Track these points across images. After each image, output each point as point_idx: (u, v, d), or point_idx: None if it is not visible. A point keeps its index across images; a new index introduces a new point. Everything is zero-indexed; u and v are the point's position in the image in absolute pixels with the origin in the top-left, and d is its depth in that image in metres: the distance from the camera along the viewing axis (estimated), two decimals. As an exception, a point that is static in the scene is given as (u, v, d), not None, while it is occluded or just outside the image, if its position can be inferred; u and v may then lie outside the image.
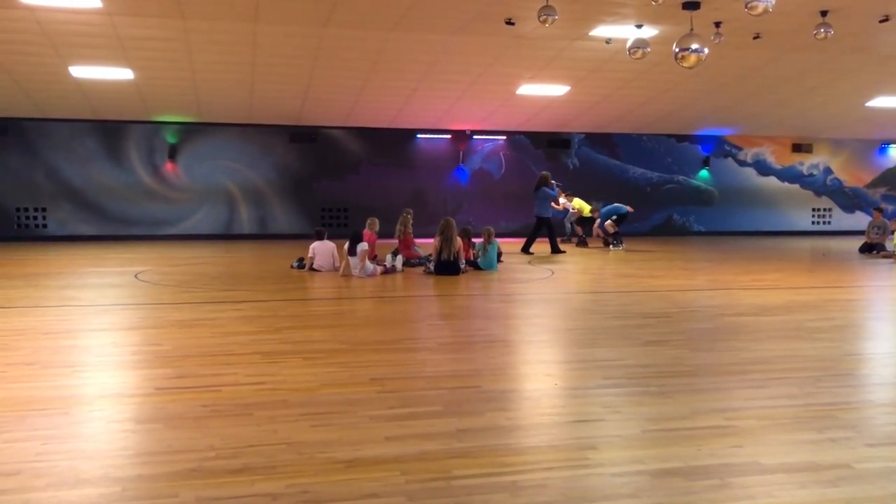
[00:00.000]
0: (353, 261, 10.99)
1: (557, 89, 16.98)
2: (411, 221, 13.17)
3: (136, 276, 10.93)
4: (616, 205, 17.42)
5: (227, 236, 19.33)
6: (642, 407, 4.39)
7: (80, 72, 14.75)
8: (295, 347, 6.04)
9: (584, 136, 21.57)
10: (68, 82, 15.30)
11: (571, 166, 21.58)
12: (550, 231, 15.57)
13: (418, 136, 20.49)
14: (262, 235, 19.56)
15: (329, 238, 12.00)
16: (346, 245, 11.12)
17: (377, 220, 12.87)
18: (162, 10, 11.83)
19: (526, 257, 14.40)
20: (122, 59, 14.16)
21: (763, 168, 22.92)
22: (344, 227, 18.28)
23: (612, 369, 5.32)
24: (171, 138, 19.02)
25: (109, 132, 18.72)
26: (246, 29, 12.80)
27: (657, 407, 4.37)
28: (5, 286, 9.63)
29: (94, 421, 4.15)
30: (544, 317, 8.15)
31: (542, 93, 17.24)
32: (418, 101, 17.70)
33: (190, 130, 19.14)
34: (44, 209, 18.36)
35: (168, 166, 19.10)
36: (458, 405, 4.36)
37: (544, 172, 16.19)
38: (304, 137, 19.74)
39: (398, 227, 13.00)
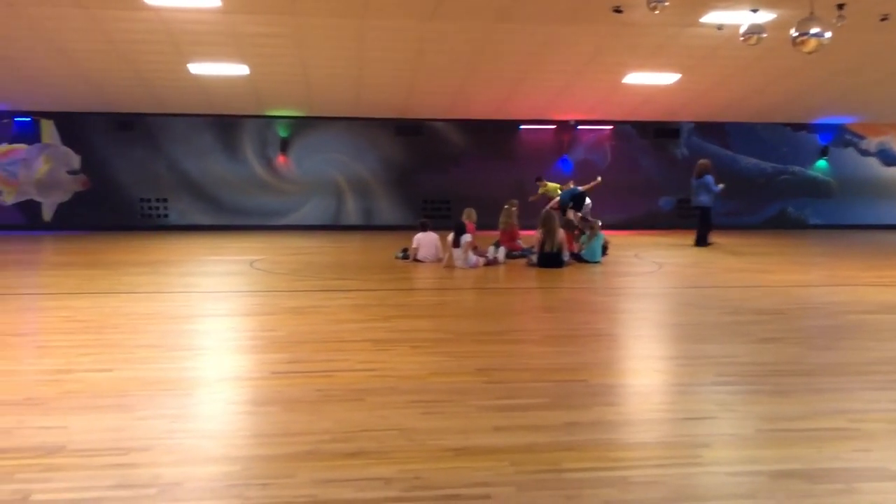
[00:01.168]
0: (456, 252, 11.08)
1: (666, 77, 16.54)
2: (516, 213, 13.14)
3: (250, 265, 11.39)
4: (572, 187, 15.93)
5: (334, 227, 19.83)
6: (758, 406, 4.25)
7: (198, 68, 15.44)
8: (403, 336, 6.15)
9: (693, 125, 20.93)
10: (188, 79, 16.05)
11: (680, 156, 20.99)
12: (704, 222, 15.05)
13: (521, 126, 20.40)
14: (368, 226, 19.96)
15: (432, 230, 12.13)
16: (451, 236, 11.22)
17: (474, 211, 12.87)
18: (276, 7, 12.23)
19: (632, 251, 14.12)
20: (238, 56, 14.74)
21: (888, 158, 21.60)
22: (446, 219, 18.43)
23: (724, 366, 5.16)
24: (282, 132, 19.68)
25: (225, 126, 19.54)
26: (354, 24, 13.08)
27: (773, 406, 4.22)
28: (132, 273, 10.23)
29: (216, 402, 4.37)
30: (651, 311, 7.98)
31: (650, 81, 16.84)
32: (522, 92, 17.62)
33: (300, 124, 19.74)
34: (165, 200, 19.36)
35: (280, 159, 19.77)
36: (565, 398, 4.34)
37: (704, 160, 15.63)
38: (410, 130, 20.00)
39: (502, 218, 13.00)
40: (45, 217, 19.20)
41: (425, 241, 11.81)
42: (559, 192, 16.82)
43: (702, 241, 14.98)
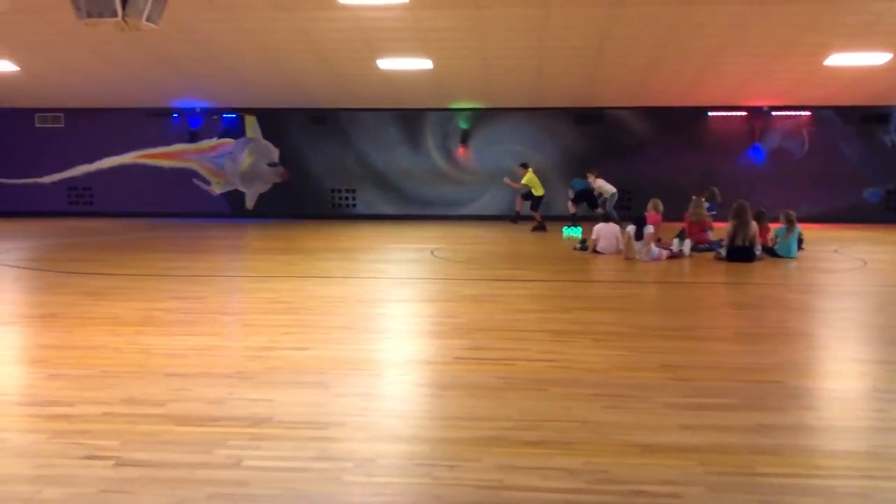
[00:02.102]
0: (637, 244, 10.81)
1: (876, 58, 15.17)
2: (707, 204, 12.61)
3: (432, 253, 11.73)
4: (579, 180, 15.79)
5: (511, 217, 19.96)
6: None
7: (386, 63, 16.07)
8: (583, 328, 6.10)
9: (906, 109, 19.06)
10: (376, 74, 16.76)
11: (890, 143, 19.19)
12: None
13: (709, 113, 19.50)
14: (545, 217, 19.92)
15: (614, 220, 11.89)
16: (632, 228, 10.95)
17: (660, 202, 12.50)
18: (459, 0, 12.47)
19: (831, 246, 13.11)
20: (423, 50, 15.19)
21: None
22: (627, 210, 18.01)
23: (943, 374, 4.68)
24: (463, 124, 20.07)
25: (409, 119, 20.22)
26: (537, 14, 13.06)
27: None
28: (325, 259, 10.87)
29: (404, 384, 4.55)
30: (854, 311, 7.37)
31: (856, 62, 15.50)
32: (711, 78, 16.84)
33: (480, 116, 20.03)
34: (353, 190, 20.38)
35: (460, 150, 20.18)
36: (758, 399, 4.12)
37: None
38: (590, 118, 19.73)
39: (690, 209, 12.47)
40: (247, 206, 20.83)
41: (605, 233, 11.61)
42: (536, 183, 16.46)
43: None
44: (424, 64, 16.08)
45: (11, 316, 6.71)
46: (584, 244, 11.91)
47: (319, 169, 20.37)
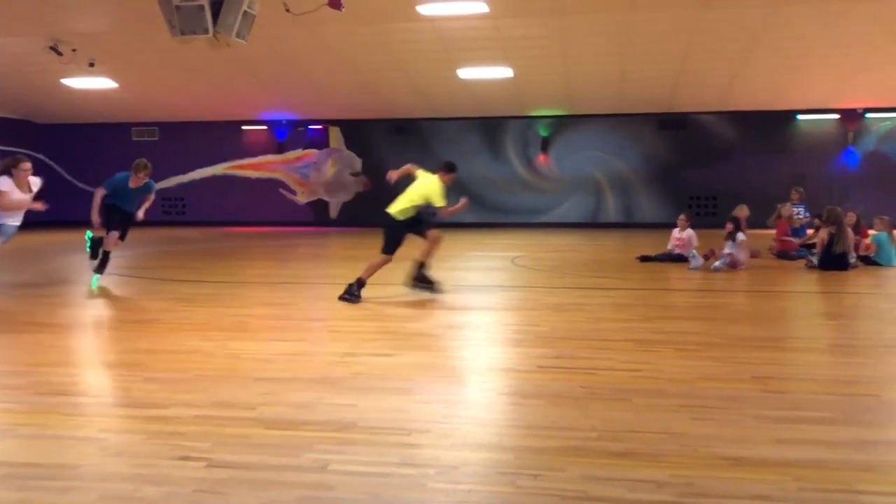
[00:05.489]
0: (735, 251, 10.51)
1: (982, 55, 14.34)
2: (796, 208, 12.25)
3: (512, 261, 11.71)
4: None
5: (593, 224, 19.75)
6: None
7: (466, 73, 16.16)
8: (667, 337, 5.97)
9: None
10: (456, 83, 16.87)
11: None
12: None
13: (798, 116, 18.83)
14: (627, 224, 19.62)
15: (693, 228, 11.54)
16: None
17: (746, 207, 12.06)
18: (541, 8, 12.44)
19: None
20: (503, 59, 15.20)
21: None
22: (713, 217, 17.55)
23: None
24: (543, 131, 19.98)
25: (489, 128, 20.26)
26: (620, 19, 12.91)
27: None
28: (407, 266, 10.96)
29: (487, 391, 4.56)
30: (961, 322, 6.98)
31: (961, 60, 14.70)
32: (802, 79, 16.26)
33: (561, 123, 19.91)
34: (433, 199, 20.55)
35: (540, 158, 20.10)
36: (856, 414, 3.95)
37: None
38: (674, 124, 19.34)
39: (774, 216, 12.06)
40: (331, 215, 21.27)
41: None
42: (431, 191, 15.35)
43: None
44: (505, 72, 16.09)
45: (110, 321, 7.05)
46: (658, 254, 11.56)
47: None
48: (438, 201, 8.02)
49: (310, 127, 21.16)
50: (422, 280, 8.19)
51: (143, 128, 21.94)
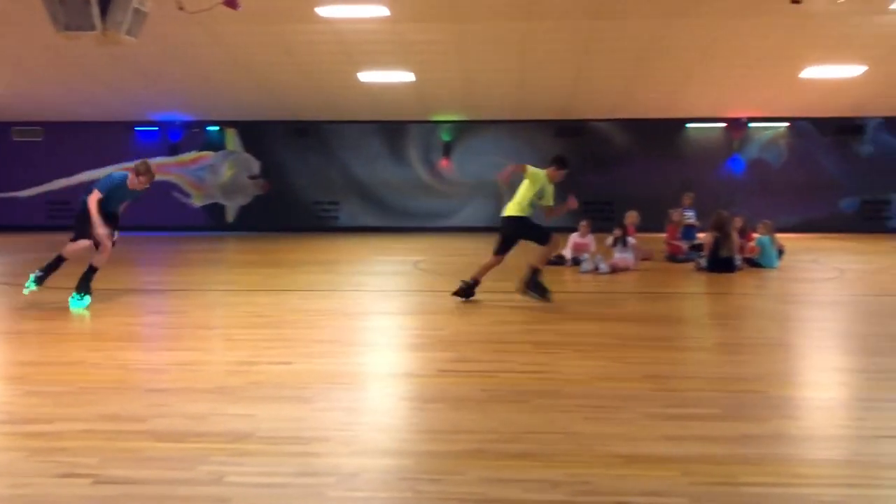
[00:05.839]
0: (623, 255, 10.89)
1: (850, 70, 15.39)
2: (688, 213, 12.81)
3: (415, 265, 11.73)
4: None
5: (495, 228, 19.92)
6: (962, 427, 3.87)
7: (366, 76, 16.09)
8: (566, 339, 6.11)
9: (882, 120, 19.33)
10: (358, 86, 16.77)
11: (864, 154, 19.46)
12: None
13: (687, 125, 19.68)
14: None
15: (592, 232, 11.88)
16: (611, 240, 11.08)
17: (635, 213, 12.48)
18: (441, 14, 12.54)
19: (809, 256, 13.24)
20: (405, 63, 15.23)
21: None
22: (609, 221, 18.10)
23: (921, 382, 4.74)
24: (445, 136, 20.12)
25: (392, 132, 20.24)
26: (517, 27, 13.16)
27: (982, 429, 3.82)
28: (308, 272, 10.83)
29: (387, 397, 4.54)
30: (833, 320, 7.46)
31: (832, 75, 15.72)
32: (691, 90, 17.01)
33: (463, 128, 20.09)
34: (336, 203, 20.34)
35: (442, 163, 20.22)
36: (740, 409, 4.15)
37: None
38: (571, 131, 19.82)
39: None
40: (228, 218, 20.73)
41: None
42: None
43: None
44: (407, 77, 16.12)
45: (-11, 332, 6.63)
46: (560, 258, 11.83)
47: (302, 181, 20.33)
48: (549, 199, 8.04)
49: (205, 128, 20.57)
50: (535, 287, 7.84)
51: (24, 127, 20.77)
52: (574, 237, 11.68)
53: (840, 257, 13.08)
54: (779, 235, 11.71)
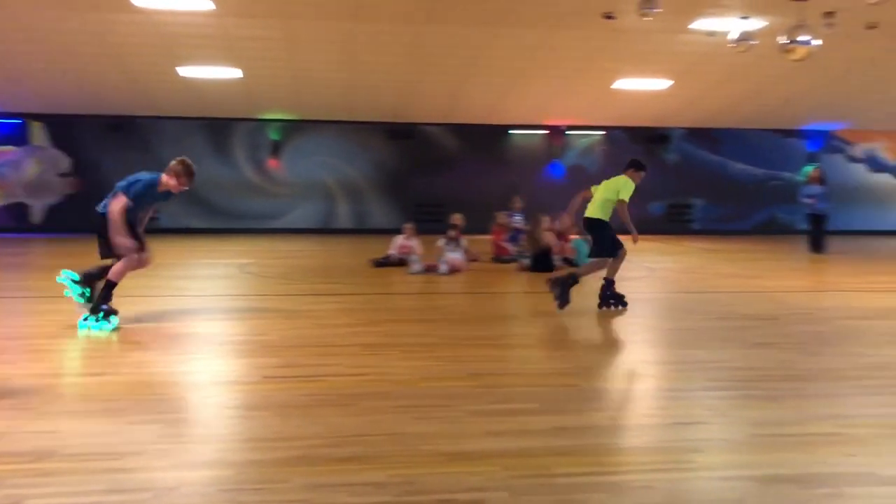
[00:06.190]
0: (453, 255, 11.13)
1: (658, 84, 16.64)
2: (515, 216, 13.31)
3: (241, 268, 11.37)
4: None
5: (325, 230, 19.80)
6: (749, 411, 4.27)
7: (188, 71, 15.41)
8: (393, 340, 6.15)
9: (685, 131, 21.04)
10: (179, 81, 16.03)
11: (670, 162, 21.10)
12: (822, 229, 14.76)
13: (510, 131, 20.46)
14: (360, 230, 19.95)
15: (420, 233, 12.02)
16: (443, 241, 11.29)
17: (460, 216, 12.79)
18: (268, 10, 12.25)
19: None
20: (231, 59, 14.74)
21: (876, 164, 21.78)
22: (438, 223, 18.44)
23: (715, 371, 5.19)
24: (274, 135, 19.66)
25: (217, 129, 19.50)
26: (345, 28, 13.11)
27: (764, 411, 4.25)
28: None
29: (209, 406, 4.36)
30: (643, 316, 8.01)
31: (641, 87, 16.93)
32: (513, 97, 17.69)
33: (292, 127, 19.73)
34: (155, 203, 19.31)
35: (271, 162, 19.75)
36: (557, 403, 4.36)
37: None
38: (402, 134, 20.00)
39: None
40: (34, 219, 19.11)
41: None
42: None
43: (822, 248, 14.56)
44: (233, 73, 15.60)
45: None
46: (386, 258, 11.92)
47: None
48: (626, 194, 8.09)
49: (5, 121, 18.85)
50: (614, 297, 7.87)
51: None
52: (399, 239, 11.81)
53: (650, 257, 14.08)
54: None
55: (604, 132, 20.82)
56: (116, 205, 6.62)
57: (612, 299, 7.88)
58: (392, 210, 20.11)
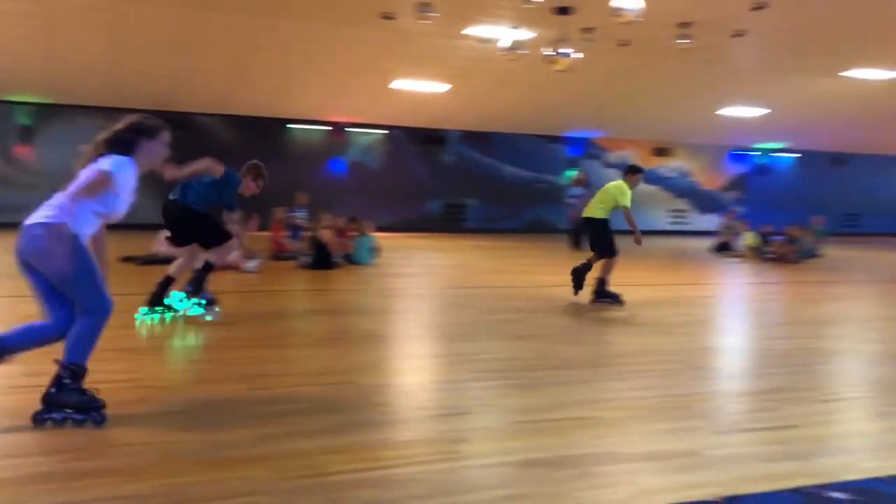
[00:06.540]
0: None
1: (436, 86, 17.15)
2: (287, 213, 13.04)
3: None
4: None
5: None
6: (510, 399, 4.53)
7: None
8: (157, 344, 5.83)
9: (462, 133, 21.90)
10: None
11: (447, 163, 21.88)
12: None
13: (288, 125, 20.16)
14: (127, 225, 18.60)
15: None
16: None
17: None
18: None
19: (401, 253, 14.45)
20: (-29, 32, 13.15)
21: (628, 170, 24.06)
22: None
23: (481, 363, 5.45)
24: (24, 119, 17.81)
25: (-47, 110, 17.33)
26: (113, 7, 12.19)
27: (525, 399, 4.52)
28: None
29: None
30: (419, 311, 8.24)
31: (418, 89, 17.37)
32: (294, 92, 17.44)
33: (48, 113, 18.00)
34: None
35: (20, 149, 17.87)
36: (331, 401, 4.34)
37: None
38: (175, 124, 18.84)
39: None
40: None
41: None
42: None
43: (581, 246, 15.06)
44: (-27, 48, 13.94)
45: None
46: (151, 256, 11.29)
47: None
48: (626, 201, 8.48)
49: None
50: (606, 295, 8.42)
51: None
52: (161, 236, 11.21)
53: (427, 254, 14.51)
54: (377, 234, 12.58)
55: (385, 131, 21.13)
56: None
57: (605, 296, 8.44)
58: (158, 204, 18.95)
